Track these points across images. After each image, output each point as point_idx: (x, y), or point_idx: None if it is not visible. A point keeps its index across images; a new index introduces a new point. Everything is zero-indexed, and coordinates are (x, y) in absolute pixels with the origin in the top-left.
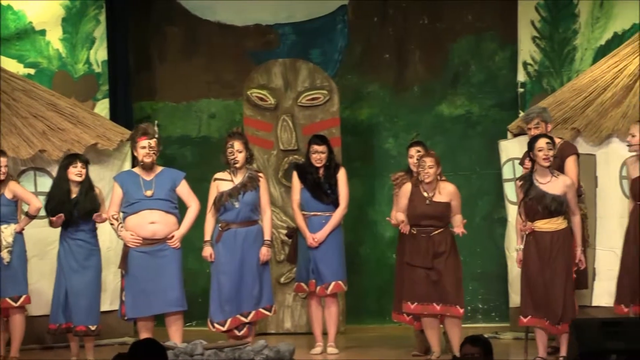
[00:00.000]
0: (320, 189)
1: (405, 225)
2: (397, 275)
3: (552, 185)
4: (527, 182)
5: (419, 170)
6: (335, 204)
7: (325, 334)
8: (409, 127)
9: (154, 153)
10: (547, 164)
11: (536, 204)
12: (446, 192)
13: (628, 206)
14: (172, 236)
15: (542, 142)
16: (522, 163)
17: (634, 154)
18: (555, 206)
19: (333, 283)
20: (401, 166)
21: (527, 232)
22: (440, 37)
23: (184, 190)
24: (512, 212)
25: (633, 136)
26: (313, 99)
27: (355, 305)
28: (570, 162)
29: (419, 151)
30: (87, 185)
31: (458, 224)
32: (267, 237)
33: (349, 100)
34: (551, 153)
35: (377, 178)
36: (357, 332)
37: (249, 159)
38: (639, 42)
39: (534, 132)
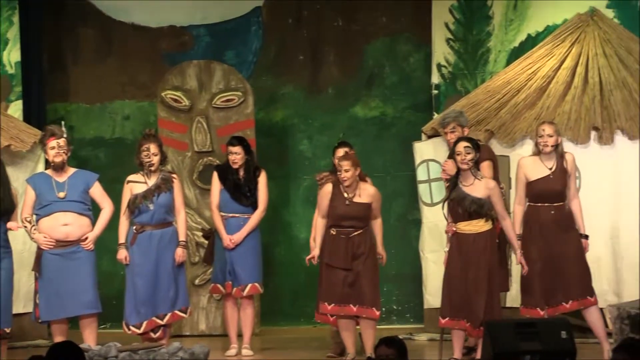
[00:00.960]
0: (240, 191)
1: (312, 257)
2: (320, 276)
3: (475, 187)
4: (452, 183)
5: (337, 173)
6: (254, 206)
7: (240, 335)
8: (323, 128)
9: (63, 152)
10: (464, 167)
11: (457, 206)
12: (367, 193)
13: (515, 208)
14: (86, 238)
15: (460, 147)
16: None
17: (529, 154)
18: (475, 208)
19: (249, 285)
20: (316, 167)
21: (450, 234)
22: (354, 39)
23: (97, 191)
24: (427, 213)
25: (550, 136)
26: (227, 100)
27: (270, 306)
28: (485, 168)
29: (346, 152)
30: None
31: (380, 250)
32: (182, 238)
33: (263, 101)
34: (469, 157)
35: (291, 179)
36: (272, 334)
37: (163, 161)
38: (552, 44)
39: (450, 136)
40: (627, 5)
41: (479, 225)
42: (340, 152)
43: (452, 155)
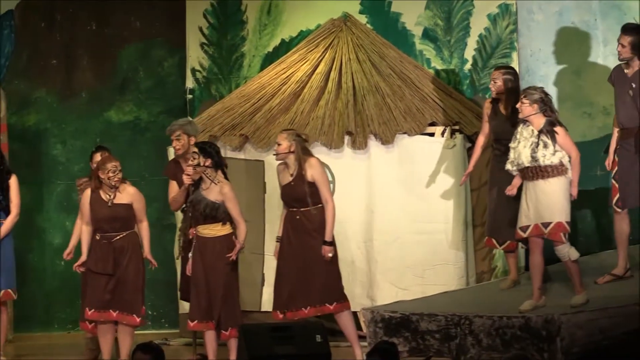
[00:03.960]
0: None
1: (78, 266)
2: (83, 283)
3: (210, 191)
4: (194, 186)
5: (106, 174)
6: (6, 212)
7: None
8: (77, 133)
9: None
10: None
11: (193, 209)
12: (127, 194)
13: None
14: None
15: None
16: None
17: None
18: (209, 211)
19: (2, 291)
20: (70, 173)
21: (192, 237)
22: (108, 43)
23: None
24: (181, 218)
25: (279, 145)
26: None
27: (24, 313)
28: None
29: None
30: None
31: (147, 252)
32: None
33: (15, 106)
34: (194, 162)
35: (45, 185)
36: (26, 340)
37: None
38: (306, 49)
39: (174, 144)
40: (380, 11)
41: (216, 229)
42: (98, 156)
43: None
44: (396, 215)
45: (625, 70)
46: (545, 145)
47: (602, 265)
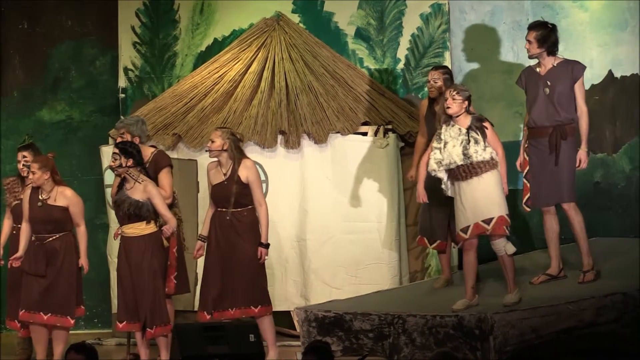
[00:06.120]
0: None
1: (14, 260)
2: (9, 281)
3: (134, 190)
4: (118, 188)
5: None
6: None
7: None
8: (8, 132)
9: None
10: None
11: (118, 209)
12: (63, 196)
13: (207, 211)
14: None
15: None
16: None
17: (214, 160)
18: (133, 210)
19: None
20: (2, 172)
21: (117, 237)
22: (40, 42)
23: None
24: (114, 217)
25: (213, 142)
26: None
27: None
28: (163, 174)
29: (24, 156)
30: None
31: (82, 256)
32: None
33: None
34: (116, 163)
35: None
36: None
37: None
38: (239, 48)
39: (118, 140)
40: (313, 11)
41: (140, 228)
42: (20, 156)
43: None
44: (329, 214)
45: (537, 69)
46: (476, 142)
47: (522, 266)
